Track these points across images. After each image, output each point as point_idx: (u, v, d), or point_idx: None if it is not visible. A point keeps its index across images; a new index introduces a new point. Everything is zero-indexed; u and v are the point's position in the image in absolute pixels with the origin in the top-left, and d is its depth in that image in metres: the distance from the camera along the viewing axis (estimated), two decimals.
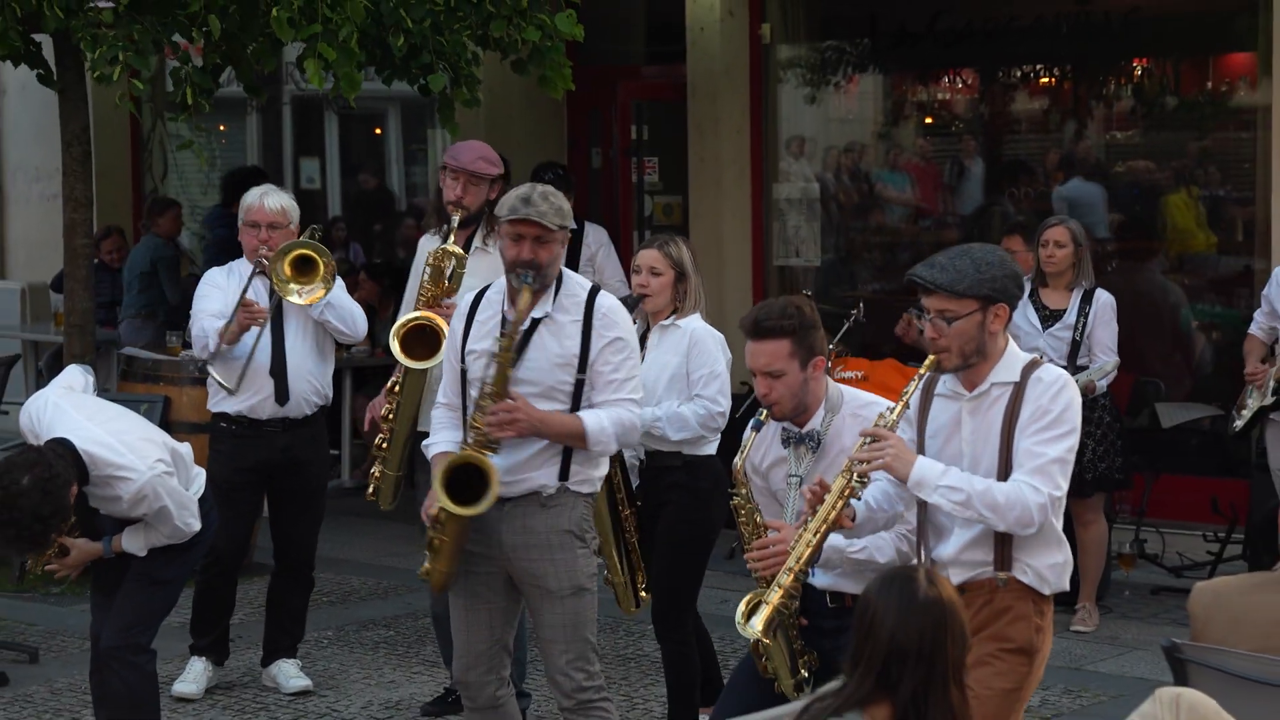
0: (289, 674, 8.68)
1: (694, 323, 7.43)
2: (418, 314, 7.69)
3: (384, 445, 7.96)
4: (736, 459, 6.05)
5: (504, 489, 6.27)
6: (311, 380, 8.51)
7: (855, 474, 5.47)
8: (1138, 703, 5.47)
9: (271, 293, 8.37)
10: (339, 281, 8.50)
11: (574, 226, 6.48)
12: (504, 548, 6.37)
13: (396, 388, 7.88)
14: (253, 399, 8.43)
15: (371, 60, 10.61)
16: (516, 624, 6.68)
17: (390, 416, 7.91)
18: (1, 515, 6.35)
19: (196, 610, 8.70)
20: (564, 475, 6.35)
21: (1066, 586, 5.63)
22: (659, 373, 7.33)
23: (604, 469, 6.53)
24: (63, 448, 6.57)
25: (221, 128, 17.84)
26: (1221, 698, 5.17)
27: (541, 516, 6.34)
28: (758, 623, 5.60)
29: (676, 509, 7.38)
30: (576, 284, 6.43)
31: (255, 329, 8.35)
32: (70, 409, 6.85)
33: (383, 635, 9.73)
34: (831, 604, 6.06)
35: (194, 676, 8.62)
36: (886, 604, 4.45)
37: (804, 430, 6.02)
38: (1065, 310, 9.50)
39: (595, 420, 6.27)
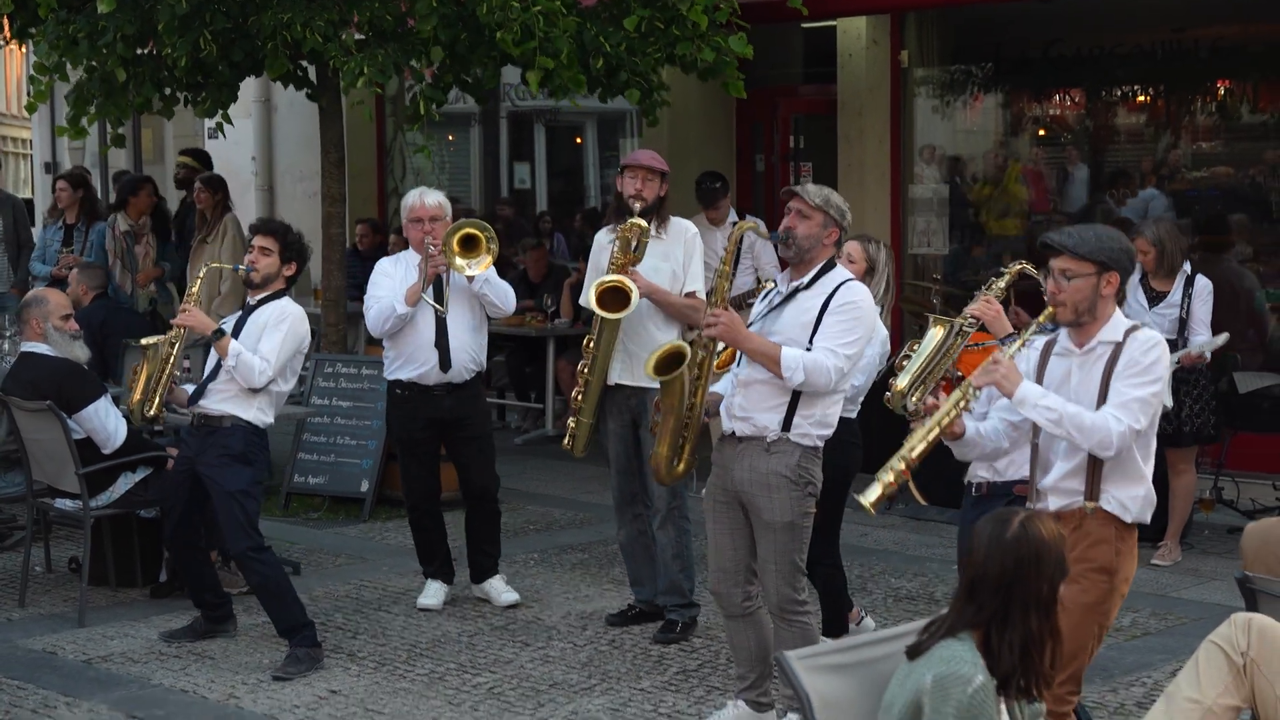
0: (500, 590, 8.73)
1: None
2: (612, 276, 7.60)
3: (579, 396, 7.87)
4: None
5: (737, 425, 6.37)
6: (469, 351, 8.46)
7: (971, 387, 5.48)
8: (1215, 625, 5.40)
9: (435, 281, 8.31)
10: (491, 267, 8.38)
11: (847, 225, 6.41)
12: (735, 481, 6.40)
13: (591, 344, 7.81)
14: (421, 368, 8.39)
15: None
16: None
17: (585, 370, 7.84)
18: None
19: (416, 545, 8.80)
20: (786, 426, 6.30)
21: (1147, 519, 5.54)
22: None
23: (826, 430, 6.41)
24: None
25: (450, 138, 17.97)
26: None
27: (765, 459, 6.32)
28: (869, 496, 5.45)
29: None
30: (838, 274, 6.36)
31: (423, 309, 8.28)
32: None
33: (579, 558, 9.77)
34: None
35: (432, 593, 8.69)
36: (979, 539, 4.42)
37: None
38: (1170, 292, 9.46)
39: (792, 351, 6.20)
